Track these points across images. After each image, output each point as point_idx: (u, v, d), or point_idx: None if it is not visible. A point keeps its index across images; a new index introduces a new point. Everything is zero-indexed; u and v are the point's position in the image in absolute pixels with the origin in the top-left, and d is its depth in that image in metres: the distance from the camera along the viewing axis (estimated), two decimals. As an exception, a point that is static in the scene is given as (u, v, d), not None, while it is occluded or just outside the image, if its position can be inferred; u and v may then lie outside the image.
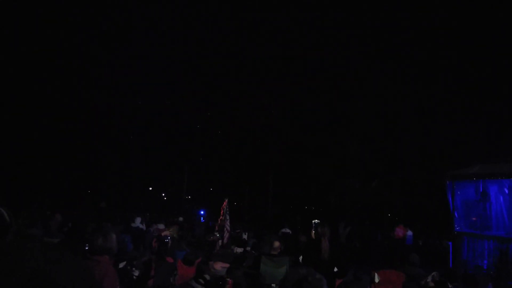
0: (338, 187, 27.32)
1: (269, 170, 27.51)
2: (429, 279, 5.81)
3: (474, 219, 10.65)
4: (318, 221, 6.65)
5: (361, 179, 26.04)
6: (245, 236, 12.78)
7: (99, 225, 8.62)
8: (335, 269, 6.73)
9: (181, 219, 15.31)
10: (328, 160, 25.40)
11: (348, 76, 23.29)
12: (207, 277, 4.49)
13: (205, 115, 25.89)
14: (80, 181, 27.54)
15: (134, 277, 5.87)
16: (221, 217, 10.47)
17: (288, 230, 14.13)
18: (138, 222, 12.47)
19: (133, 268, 6.18)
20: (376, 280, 6.28)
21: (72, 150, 25.27)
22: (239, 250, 8.73)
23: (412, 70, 21.68)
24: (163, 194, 35.93)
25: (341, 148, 24.20)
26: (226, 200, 10.60)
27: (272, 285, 5.31)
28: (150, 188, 32.41)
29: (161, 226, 12.24)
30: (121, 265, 5.54)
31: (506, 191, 10.63)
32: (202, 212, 23.28)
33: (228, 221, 10.32)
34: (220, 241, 9.90)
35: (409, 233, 14.79)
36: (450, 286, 5.02)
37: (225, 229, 10.14)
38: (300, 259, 7.14)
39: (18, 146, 22.36)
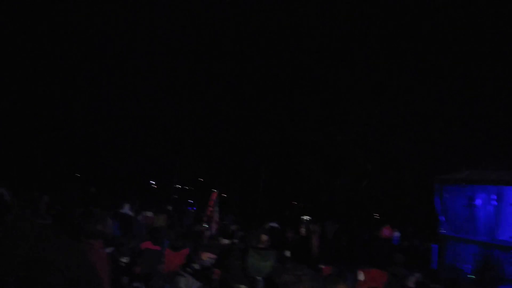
0: (329, 184, 27.49)
1: (261, 164, 27.57)
2: (412, 280, 5.90)
3: (460, 223, 10.80)
4: (309, 217, 6.71)
5: (352, 178, 26.23)
6: (233, 228, 12.82)
7: (87, 210, 8.59)
8: (322, 266, 6.81)
9: (170, 208, 15.31)
10: (320, 157, 25.54)
11: (342, 76, 23.39)
12: (196, 266, 4.54)
13: (198, 107, 25.81)
14: (68, 164, 27.41)
15: (122, 263, 5.89)
16: (210, 208, 10.49)
17: (276, 225, 14.17)
18: (126, 208, 12.42)
19: (120, 254, 6.21)
20: (360, 278, 6.36)
21: (61, 133, 25.12)
22: (226, 241, 8.78)
23: (405, 72, 21.82)
24: (154, 182, 35.86)
25: (333, 146, 24.34)
26: (216, 192, 10.63)
27: (258, 277, 5.37)
28: (140, 176, 32.32)
29: (150, 214, 12.23)
30: (108, 250, 5.57)
31: (493, 197, 10.78)
32: (191, 202, 23.31)
33: (218, 212, 10.36)
34: (208, 232, 9.94)
35: (396, 234, 14.94)
36: (432, 288, 5.10)
37: (213, 220, 10.18)
38: (288, 254, 7.21)
39: (4, 129, 22.17)
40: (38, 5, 20.73)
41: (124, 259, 5.90)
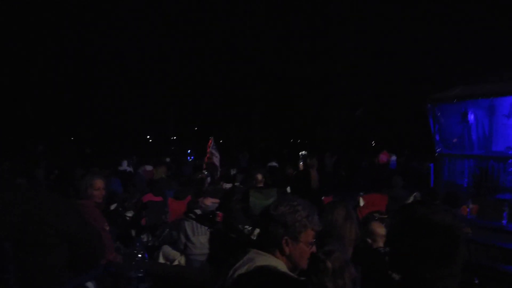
0: (323, 118, 27.58)
1: (254, 105, 27.43)
2: (411, 199, 6.04)
3: (455, 140, 10.88)
4: (306, 152, 6.73)
5: (346, 109, 26.27)
6: (233, 172, 12.98)
7: (86, 171, 8.63)
8: (323, 197, 6.95)
9: (168, 159, 15.40)
10: (313, 91, 25.38)
11: (332, 5, 22.71)
12: (198, 211, 4.60)
13: (188, 53, 25.15)
14: (62, 128, 27.25)
15: (127, 218, 5.99)
16: (208, 155, 10.51)
17: (275, 164, 14.36)
18: (125, 165, 12.53)
19: (125, 209, 6.30)
20: (361, 203, 6.52)
21: (52, 95, 24.72)
22: (228, 185, 8.88)
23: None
24: (148, 136, 35.87)
25: (325, 79, 24.10)
26: (212, 138, 10.61)
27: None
28: (135, 130, 32.24)
29: (149, 168, 12.31)
30: (112, 207, 5.64)
31: (486, 111, 10.82)
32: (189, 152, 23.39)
33: (218, 158, 10.39)
34: (208, 178, 10.04)
35: (393, 158, 15.18)
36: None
37: (215, 166, 10.22)
38: (288, 190, 7.32)
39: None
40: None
41: (129, 213, 5.98)
